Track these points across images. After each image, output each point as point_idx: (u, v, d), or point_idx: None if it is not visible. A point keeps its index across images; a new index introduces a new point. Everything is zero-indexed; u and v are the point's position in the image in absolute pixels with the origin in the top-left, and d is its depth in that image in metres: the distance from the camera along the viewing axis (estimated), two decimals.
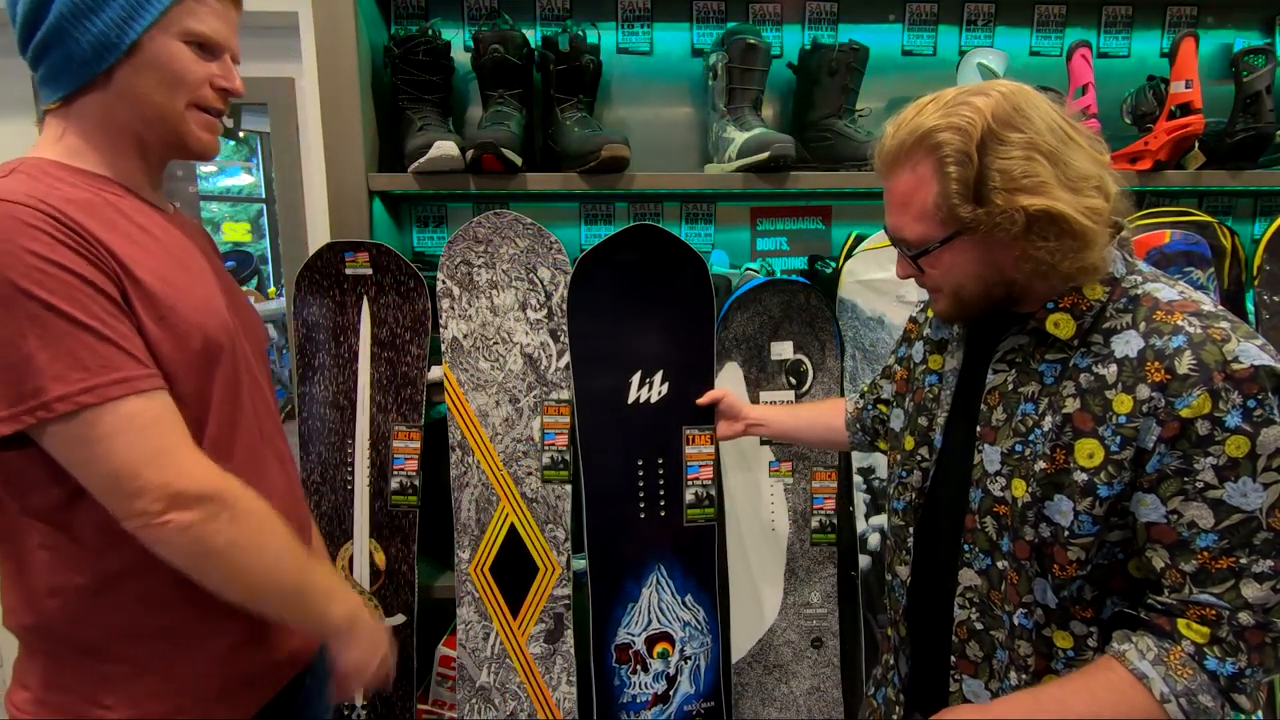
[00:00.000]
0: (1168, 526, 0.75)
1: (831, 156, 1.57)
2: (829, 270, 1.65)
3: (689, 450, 1.50)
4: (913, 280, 0.93)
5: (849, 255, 1.62)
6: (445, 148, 1.42)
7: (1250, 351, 0.71)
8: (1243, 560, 0.72)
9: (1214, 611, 0.73)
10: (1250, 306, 1.67)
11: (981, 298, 0.86)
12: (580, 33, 1.53)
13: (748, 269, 1.75)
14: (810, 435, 1.37)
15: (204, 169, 4.95)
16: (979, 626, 0.90)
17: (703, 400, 1.47)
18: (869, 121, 1.67)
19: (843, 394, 1.61)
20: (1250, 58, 1.58)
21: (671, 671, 1.54)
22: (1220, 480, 0.72)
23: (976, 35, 1.75)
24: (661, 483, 1.52)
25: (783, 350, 1.59)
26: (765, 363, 1.59)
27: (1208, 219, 1.63)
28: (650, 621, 1.54)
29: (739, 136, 1.50)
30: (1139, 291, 0.80)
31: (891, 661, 1.06)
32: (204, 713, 0.84)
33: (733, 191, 1.57)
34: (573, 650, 1.56)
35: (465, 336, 1.53)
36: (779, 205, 1.81)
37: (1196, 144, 1.59)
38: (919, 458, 0.98)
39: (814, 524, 1.61)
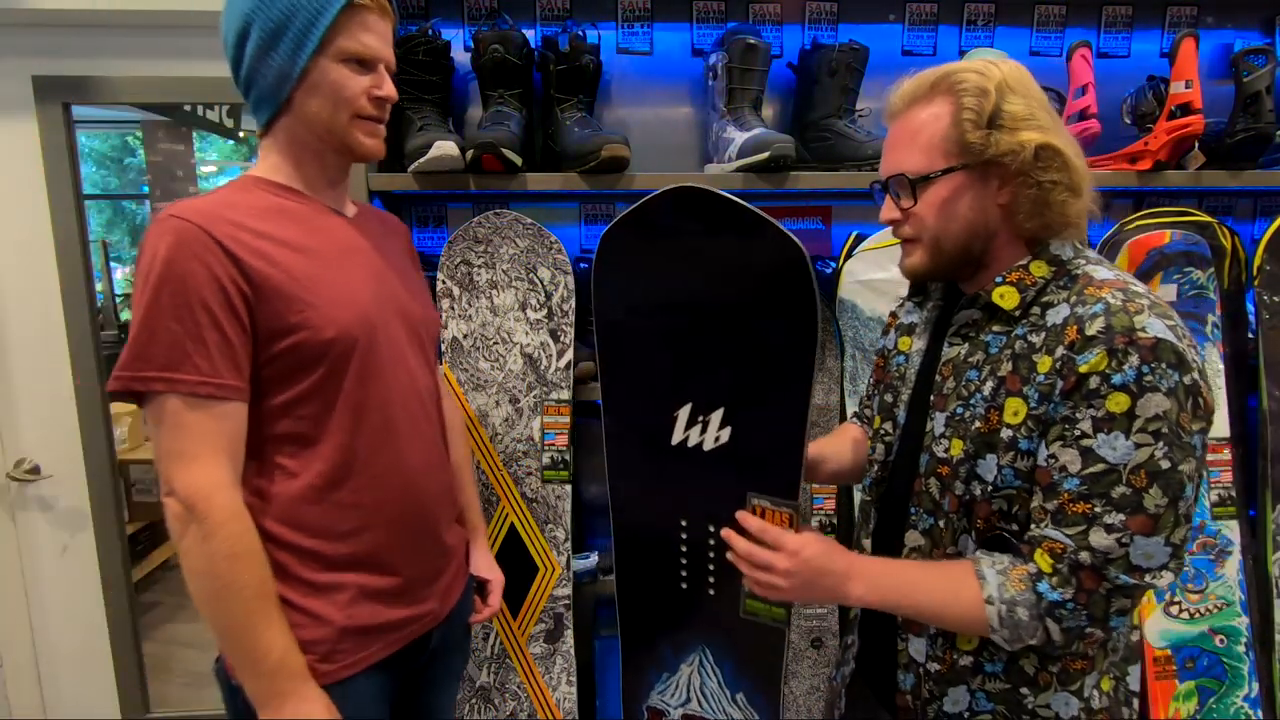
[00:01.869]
0: (1046, 470, 0.81)
1: (831, 156, 1.57)
2: (829, 270, 1.65)
3: (753, 523, 0.98)
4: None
5: (849, 255, 1.62)
6: (445, 148, 1.42)
7: (1157, 325, 0.77)
8: (1097, 509, 0.78)
9: (1060, 546, 0.80)
10: (1250, 306, 1.67)
11: (960, 251, 0.90)
12: (580, 33, 1.53)
13: None
14: (856, 468, 1.19)
15: (204, 169, 4.96)
16: None
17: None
18: (869, 121, 1.67)
19: (842, 394, 1.61)
20: (1250, 58, 1.57)
21: None
22: (1094, 430, 0.78)
23: (976, 35, 1.75)
24: (712, 555, 1.14)
25: None
26: None
27: (1208, 219, 1.63)
28: (689, 700, 1.27)
29: (739, 136, 1.50)
30: (1078, 271, 0.87)
31: (851, 640, 1.09)
32: (333, 647, 0.95)
33: (732, 191, 1.56)
34: (573, 650, 1.56)
35: (465, 336, 1.53)
36: (779, 205, 1.81)
37: (1196, 144, 1.59)
38: (883, 432, 1.03)
39: (814, 524, 1.61)
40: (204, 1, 1.62)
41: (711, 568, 1.15)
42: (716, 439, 1.09)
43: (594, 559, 1.68)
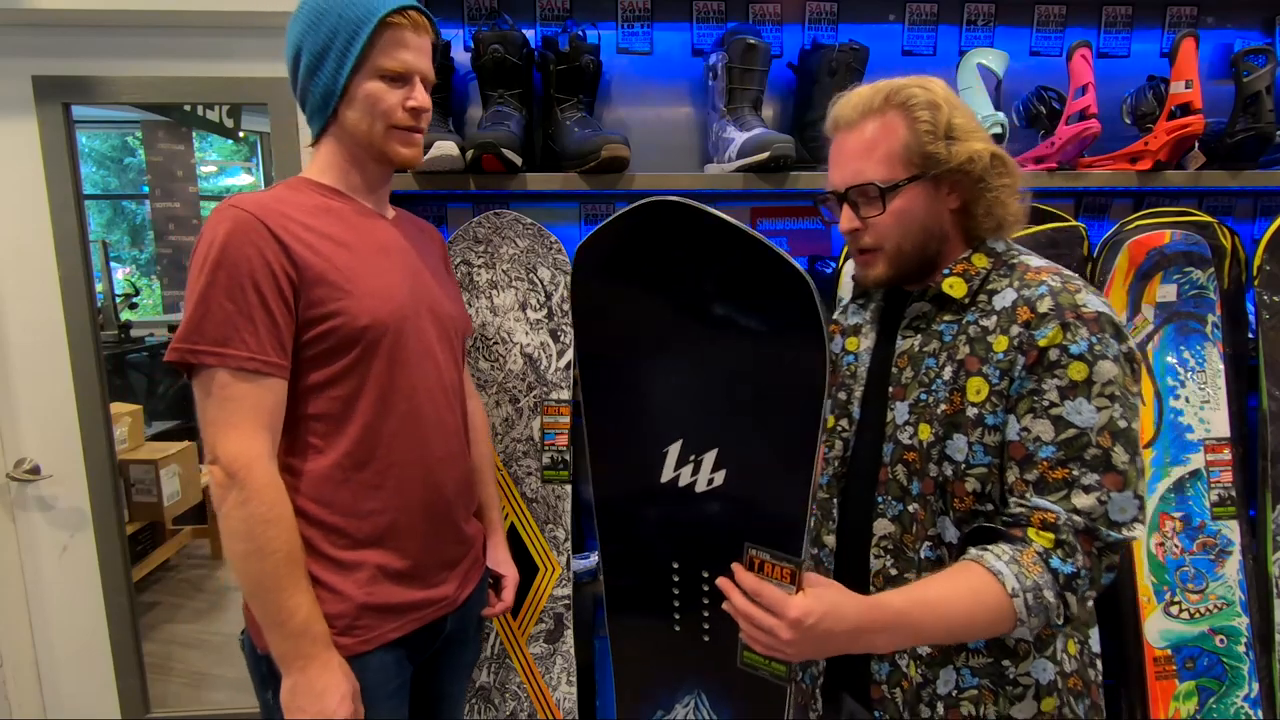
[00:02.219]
0: (1020, 443, 0.87)
1: None
2: (829, 270, 1.65)
3: (749, 581, 0.86)
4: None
5: (849, 255, 1.62)
6: (445, 148, 1.42)
7: (1095, 301, 0.87)
8: (1074, 472, 0.84)
9: (1052, 515, 0.84)
10: (1250, 306, 1.67)
11: (917, 253, 0.95)
12: (580, 33, 1.53)
13: None
14: None
15: (204, 169, 4.96)
16: (893, 572, 0.97)
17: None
18: None
19: None
20: (1250, 58, 1.58)
21: None
22: (1061, 399, 0.85)
23: (976, 35, 1.75)
24: (706, 601, 1.06)
25: None
26: None
27: (1208, 219, 1.63)
28: None
29: (739, 136, 1.50)
30: (1015, 261, 0.96)
31: None
32: (351, 622, 1.01)
33: (733, 191, 1.56)
34: (573, 650, 1.56)
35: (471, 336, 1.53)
36: (779, 205, 1.81)
37: (1196, 144, 1.59)
38: (839, 429, 1.07)
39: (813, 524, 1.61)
40: (204, 2, 1.62)
41: (706, 614, 1.06)
42: (710, 481, 1.00)
43: (594, 559, 1.68)
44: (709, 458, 0.99)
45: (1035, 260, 0.96)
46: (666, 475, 1.02)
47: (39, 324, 1.74)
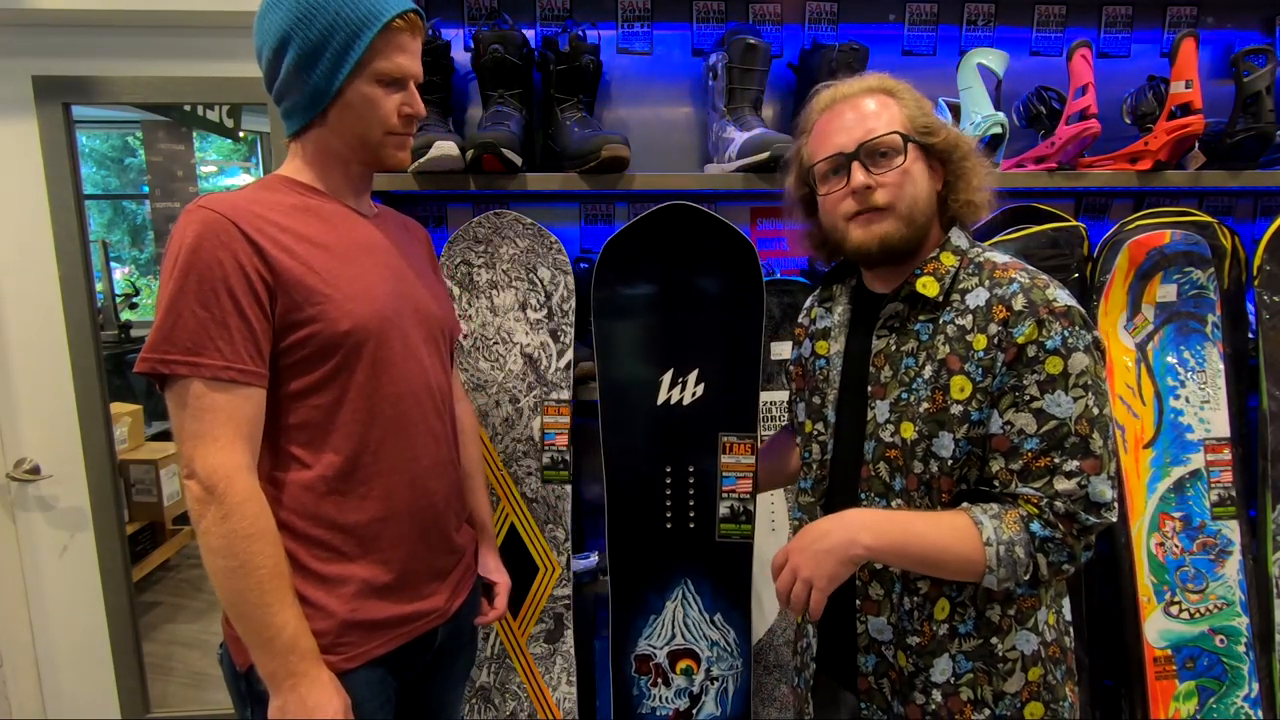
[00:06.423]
0: (1003, 436, 0.91)
1: None
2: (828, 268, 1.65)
3: (725, 459, 1.35)
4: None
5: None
6: (445, 148, 1.42)
7: (1063, 296, 0.92)
8: (1056, 460, 0.89)
9: (1037, 498, 0.90)
10: (1250, 306, 1.67)
11: (922, 222, 0.98)
12: (580, 33, 1.53)
13: None
14: (784, 477, 1.35)
15: (204, 169, 4.96)
16: (878, 566, 1.00)
17: None
18: None
19: None
20: (1250, 58, 1.58)
21: (696, 690, 1.44)
22: (1041, 393, 0.89)
23: (977, 35, 1.75)
24: (692, 493, 1.38)
25: (782, 350, 1.60)
26: (765, 363, 1.59)
27: (1208, 219, 1.63)
28: (674, 636, 1.44)
29: (739, 136, 1.50)
30: (981, 259, 0.99)
31: (806, 643, 1.13)
32: (335, 639, 0.97)
33: (733, 191, 1.56)
34: (573, 650, 1.56)
35: (465, 336, 1.53)
36: (779, 205, 1.80)
37: (1196, 144, 1.59)
38: (816, 433, 1.10)
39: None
40: (204, 2, 1.62)
41: (692, 503, 1.35)
42: (694, 394, 1.35)
43: (594, 559, 1.68)
44: (692, 377, 1.35)
45: (999, 257, 0.99)
46: (661, 398, 1.37)
47: (39, 324, 1.75)
